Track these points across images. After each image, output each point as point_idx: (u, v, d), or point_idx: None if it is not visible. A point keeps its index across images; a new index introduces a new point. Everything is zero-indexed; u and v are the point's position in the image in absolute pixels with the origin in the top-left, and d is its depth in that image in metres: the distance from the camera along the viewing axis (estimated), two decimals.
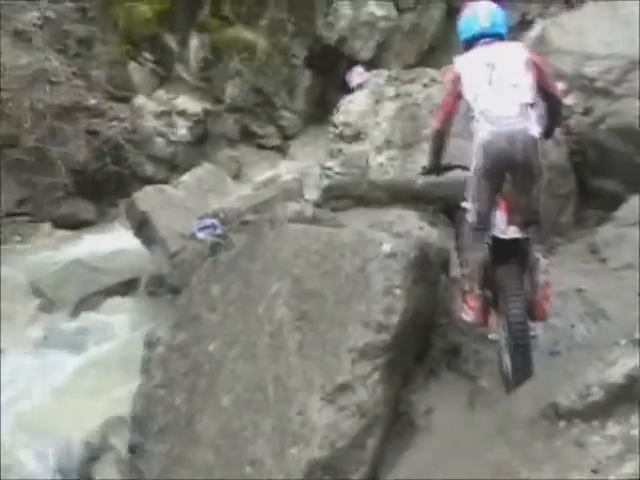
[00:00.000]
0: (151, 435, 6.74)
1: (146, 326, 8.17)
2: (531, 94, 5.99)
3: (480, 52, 6.20)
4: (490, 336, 6.18)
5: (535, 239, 6.05)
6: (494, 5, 6.55)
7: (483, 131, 5.91)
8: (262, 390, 6.30)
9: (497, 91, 5.95)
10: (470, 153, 6.25)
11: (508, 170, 5.96)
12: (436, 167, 6.68)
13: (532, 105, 5.99)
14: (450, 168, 6.75)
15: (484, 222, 6.12)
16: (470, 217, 6.18)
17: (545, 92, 6.35)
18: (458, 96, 6.23)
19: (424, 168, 6.83)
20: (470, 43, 6.32)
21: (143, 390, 6.96)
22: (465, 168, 6.48)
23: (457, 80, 6.19)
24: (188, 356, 6.87)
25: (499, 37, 6.28)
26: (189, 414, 6.58)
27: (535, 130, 5.93)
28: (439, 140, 6.50)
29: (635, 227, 7.88)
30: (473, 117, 6.03)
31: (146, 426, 6.80)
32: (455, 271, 7.11)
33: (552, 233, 8.21)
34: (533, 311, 5.97)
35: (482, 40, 6.24)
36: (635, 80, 8.56)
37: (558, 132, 8.00)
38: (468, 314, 6.30)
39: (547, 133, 6.57)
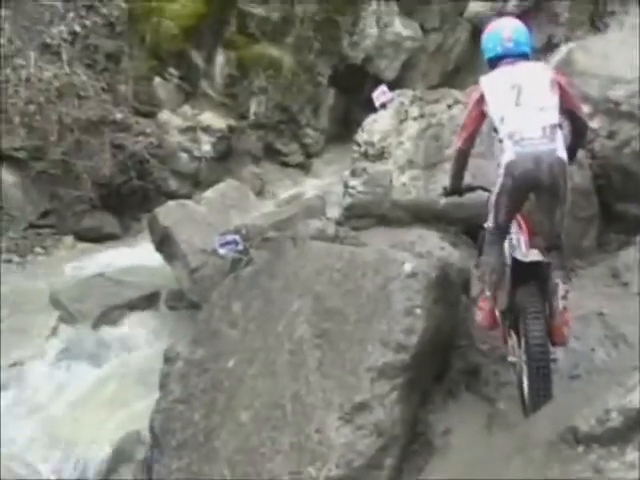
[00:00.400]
0: (169, 450, 6.74)
1: (166, 341, 8.22)
2: (557, 115, 6.00)
3: (505, 72, 6.19)
4: (509, 359, 6.17)
5: (556, 264, 6.04)
6: (518, 23, 6.56)
7: (509, 151, 5.92)
8: (281, 407, 6.31)
9: (524, 113, 5.96)
10: (492, 173, 6.26)
11: (533, 191, 5.97)
12: (457, 188, 6.70)
13: (559, 126, 6.00)
14: (471, 189, 6.76)
15: (501, 230, 6.16)
16: (489, 223, 6.20)
17: (570, 113, 6.35)
18: (482, 116, 6.25)
19: (445, 189, 6.84)
20: (494, 62, 6.34)
21: (162, 405, 6.97)
22: (486, 189, 6.49)
23: (481, 100, 6.21)
24: (207, 372, 6.88)
25: (523, 56, 6.30)
26: (207, 430, 6.59)
27: (562, 152, 5.93)
28: (461, 160, 6.53)
29: None
30: (499, 139, 6.04)
31: (164, 441, 6.81)
32: (475, 291, 7.11)
33: (574, 256, 8.18)
34: (552, 336, 5.95)
35: (506, 60, 6.25)
36: None
37: (582, 155, 7.99)
38: (478, 315, 6.41)
39: (571, 154, 6.56)
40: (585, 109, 8.60)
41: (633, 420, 3.80)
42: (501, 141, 6.01)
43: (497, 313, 6.26)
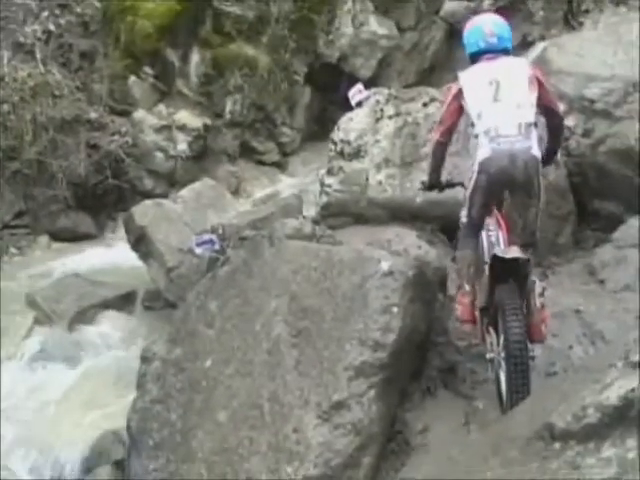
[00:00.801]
0: (146, 450, 6.72)
1: (142, 341, 8.19)
2: (534, 113, 6.03)
3: (484, 68, 6.23)
4: (488, 355, 6.18)
5: (532, 261, 6.06)
6: (500, 18, 6.59)
7: (485, 148, 5.95)
8: (258, 407, 6.31)
9: (501, 109, 6.01)
10: (469, 171, 6.28)
11: (508, 188, 6.00)
12: (436, 182, 6.70)
13: (535, 125, 6.02)
14: (451, 185, 6.78)
15: (475, 225, 6.21)
16: (463, 218, 6.24)
17: (547, 109, 6.38)
18: (460, 110, 6.29)
19: (423, 183, 6.85)
20: (476, 57, 6.36)
21: (139, 405, 6.95)
22: (465, 186, 6.51)
23: (460, 94, 6.26)
24: (184, 371, 6.86)
25: (505, 52, 6.33)
26: (185, 430, 6.58)
27: (537, 150, 5.97)
28: (439, 153, 6.54)
29: (634, 249, 7.89)
30: (475, 134, 6.05)
31: (141, 441, 6.79)
32: (453, 287, 7.13)
33: (550, 254, 8.21)
34: (530, 333, 5.97)
35: (487, 55, 6.29)
36: (635, 102, 8.58)
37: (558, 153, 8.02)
38: (457, 309, 6.43)
39: (549, 154, 6.59)
40: (561, 107, 8.67)
41: (609, 417, 3.82)
42: (477, 136, 6.04)
43: (466, 288, 6.28)
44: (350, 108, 9.16)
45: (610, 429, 3.80)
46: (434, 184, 6.74)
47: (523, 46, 13.27)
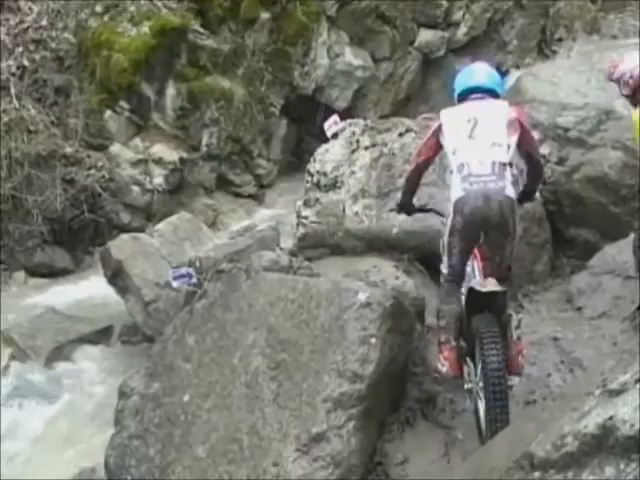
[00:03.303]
0: None
1: (120, 376, 8.10)
2: (509, 154, 6.03)
3: (467, 106, 6.27)
4: (466, 386, 6.17)
5: (508, 294, 6.07)
6: (491, 68, 6.68)
7: (457, 188, 5.96)
8: (237, 441, 6.28)
9: (475, 147, 6.01)
10: (444, 202, 6.29)
11: (483, 229, 5.95)
12: (408, 205, 6.71)
13: (510, 165, 6.02)
14: (424, 210, 6.82)
15: (457, 275, 6.15)
16: (443, 269, 6.21)
17: (527, 155, 6.39)
18: (437, 146, 6.31)
19: (397, 205, 6.86)
20: (462, 97, 6.39)
21: (116, 441, 6.88)
22: (438, 213, 6.54)
23: (439, 130, 6.27)
24: (162, 406, 6.81)
25: (492, 94, 6.34)
26: (163, 465, 6.53)
27: (511, 190, 5.96)
28: (414, 179, 6.58)
29: (610, 275, 7.92)
30: (450, 171, 6.06)
31: (119, 478, 6.74)
32: (430, 319, 7.12)
33: (527, 281, 8.24)
34: (508, 365, 5.97)
35: (474, 95, 6.31)
36: (609, 130, 8.65)
37: None
38: (444, 365, 6.26)
39: (527, 194, 6.63)
40: (535, 135, 8.73)
41: (588, 445, 3.80)
42: (451, 173, 6.05)
43: (453, 343, 6.22)
44: (327, 140, 9.18)
45: (589, 457, 3.78)
46: (406, 207, 6.74)
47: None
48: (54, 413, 8.63)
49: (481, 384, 5.90)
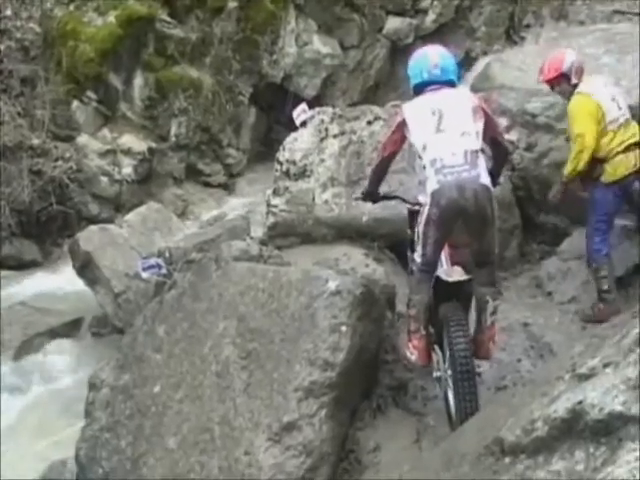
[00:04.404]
0: (96, 479, 6.62)
1: (90, 368, 8.06)
2: (479, 141, 5.99)
3: (428, 99, 6.17)
4: (435, 374, 6.18)
5: (486, 280, 6.05)
6: (445, 50, 6.58)
7: (432, 180, 5.89)
8: (209, 431, 6.25)
9: (445, 139, 5.94)
10: (414, 188, 6.28)
11: (461, 218, 5.90)
12: (374, 193, 6.69)
13: (482, 151, 6.00)
14: (389, 198, 6.79)
15: (430, 265, 6.10)
16: (417, 258, 6.17)
17: (493, 141, 6.36)
18: (402, 140, 6.26)
19: (362, 193, 6.84)
20: (419, 88, 6.31)
21: (87, 433, 6.84)
22: (404, 200, 6.52)
23: (403, 125, 6.20)
24: (133, 398, 6.77)
25: (449, 84, 6.27)
26: (134, 457, 6.49)
27: (486, 178, 5.92)
28: (380, 169, 6.55)
29: (579, 261, 7.96)
30: (422, 166, 6.01)
31: (91, 470, 6.69)
32: (401, 307, 7.12)
33: (497, 268, 8.25)
34: (478, 350, 5.99)
35: (431, 87, 6.22)
36: None
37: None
38: (413, 354, 6.25)
39: (493, 178, 6.59)
40: (503, 122, 8.75)
41: (558, 429, 3.81)
42: (424, 168, 5.97)
43: (422, 332, 6.22)
44: (296, 128, 9.16)
45: (559, 442, 3.79)
46: (371, 194, 6.72)
47: (466, 62, 13.42)
48: (24, 406, 8.61)
49: (449, 371, 5.91)
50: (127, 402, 6.79)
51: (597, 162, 7.47)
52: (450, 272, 6.00)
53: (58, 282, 10.69)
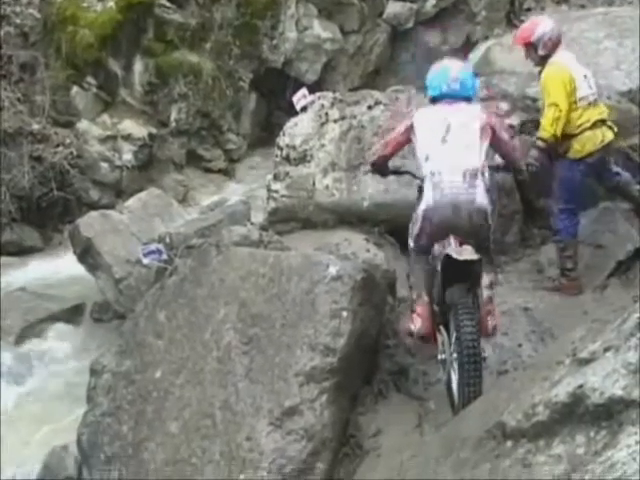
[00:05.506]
0: (98, 464, 6.65)
1: (92, 353, 8.07)
2: (481, 161, 6.11)
3: (440, 110, 6.36)
4: (439, 356, 6.18)
5: (485, 259, 6.09)
6: (466, 65, 6.71)
7: (428, 196, 6.05)
8: (210, 416, 6.28)
9: (448, 153, 6.09)
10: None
11: (453, 234, 6.02)
12: (383, 167, 6.81)
13: (482, 173, 6.09)
14: (399, 173, 6.87)
15: (423, 249, 6.24)
16: (410, 241, 6.33)
17: (503, 156, 6.57)
18: (407, 142, 6.45)
19: (372, 165, 6.94)
20: (436, 100, 6.46)
21: (89, 419, 6.86)
22: (413, 175, 6.57)
23: (410, 129, 6.36)
24: (134, 383, 6.79)
25: (466, 99, 6.42)
26: (136, 442, 6.51)
27: (482, 198, 6.02)
28: (380, 166, 6.82)
29: (580, 245, 7.94)
30: (422, 176, 6.15)
31: (93, 455, 6.71)
32: (403, 292, 7.14)
33: (498, 253, 8.24)
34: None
35: (447, 99, 6.36)
36: None
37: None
38: (416, 323, 6.28)
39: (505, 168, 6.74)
40: (504, 106, 8.75)
41: (559, 413, 3.82)
42: (423, 180, 6.15)
43: (425, 298, 6.25)
44: (296, 113, 9.14)
45: (560, 426, 3.80)
46: (381, 169, 6.88)
47: (466, 46, 13.40)
48: (25, 392, 8.61)
49: (455, 355, 5.90)
50: (129, 387, 6.80)
51: (564, 138, 7.51)
52: (460, 251, 5.97)
53: (59, 268, 10.67)
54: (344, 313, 6.31)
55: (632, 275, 7.73)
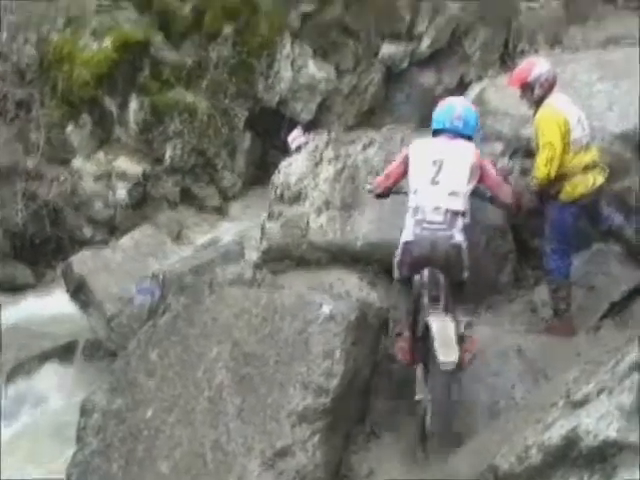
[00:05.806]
0: None
1: (83, 392, 8.01)
2: (464, 203, 6.46)
3: (436, 144, 6.70)
4: (416, 397, 6.24)
5: (457, 298, 6.36)
6: (471, 105, 6.95)
7: (408, 230, 6.39)
8: (201, 456, 6.23)
9: (435, 194, 6.43)
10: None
11: (431, 266, 6.31)
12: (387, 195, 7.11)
13: (462, 214, 6.43)
14: (399, 193, 6.97)
15: (405, 279, 6.53)
16: (395, 272, 6.58)
17: (490, 191, 6.89)
18: (405, 173, 6.76)
19: (378, 196, 7.18)
20: (438, 132, 6.82)
21: (78, 458, 6.80)
22: None
23: (406, 160, 6.74)
24: (125, 422, 6.74)
25: (466, 137, 6.75)
26: None
27: (460, 236, 6.35)
28: (383, 195, 7.13)
29: (573, 287, 7.92)
30: (408, 206, 6.49)
31: None
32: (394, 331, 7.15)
33: (492, 292, 8.24)
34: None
35: (447, 134, 6.72)
36: None
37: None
38: (399, 353, 6.59)
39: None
40: (498, 147, 8.78)
41: (552, 456, 3.80)
42: (409, 211, 6.49)
43: (406, 334, 6.55)
44: (290, 152, 9.16)
45: (553, 469, 3.78)
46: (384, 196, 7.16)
47: (460, 87, 13.43)
48: (15, 431, 8.55)
49: (429, 396, 5.97)
50: (119, 426, 6.76)
51: (557, 179, 7.52)
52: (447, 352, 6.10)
53: (51, 305, 10.62)
54: (337, 353, 6.31)
55: (625, 317, 7.71)
